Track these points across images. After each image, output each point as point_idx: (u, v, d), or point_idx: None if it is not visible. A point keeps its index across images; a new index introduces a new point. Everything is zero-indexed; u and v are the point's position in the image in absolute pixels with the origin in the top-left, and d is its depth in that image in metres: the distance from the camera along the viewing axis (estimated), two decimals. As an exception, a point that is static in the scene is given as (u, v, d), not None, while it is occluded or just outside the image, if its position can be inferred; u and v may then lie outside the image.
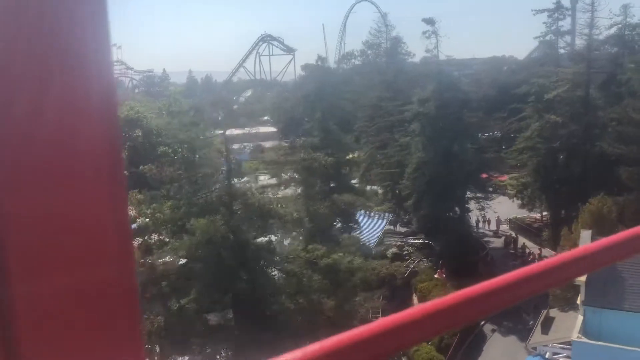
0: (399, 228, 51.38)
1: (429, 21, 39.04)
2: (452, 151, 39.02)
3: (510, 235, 46.57)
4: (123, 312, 0.60)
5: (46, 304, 0.55)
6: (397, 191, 46.20)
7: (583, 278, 23.08)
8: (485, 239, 49.08)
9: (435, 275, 28.77)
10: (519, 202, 47.24)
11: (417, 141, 39.95)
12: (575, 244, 25.96)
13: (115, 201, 0.59)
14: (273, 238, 22.22)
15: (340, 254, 22.20)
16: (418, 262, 44.18)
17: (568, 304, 26.62)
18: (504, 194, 51.76)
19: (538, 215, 49.32)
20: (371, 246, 38.86)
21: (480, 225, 49.46)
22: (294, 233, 23.93)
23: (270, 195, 22.36)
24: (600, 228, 26.92)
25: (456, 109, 39.12)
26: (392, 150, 46.21)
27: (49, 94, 0.54)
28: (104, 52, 0.57)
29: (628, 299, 22.36)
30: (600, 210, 27.91)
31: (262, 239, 21.51)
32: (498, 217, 49.41)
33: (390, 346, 0.72)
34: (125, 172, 0.61)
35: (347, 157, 30.06)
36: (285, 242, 23.37)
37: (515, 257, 44.80)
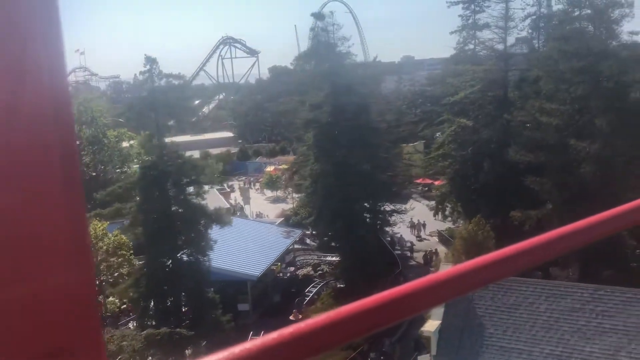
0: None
1: (318, 16, 34.53)
2: (350, 162, 34.53)
3: (431, 251, 42.24)
4: (82, 324, 0.59)
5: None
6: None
7: (432, 327, 18.70)
8: (415, 253, 44.83)
9: (291, 317, 24.20)
10: (441, 213, 42.90)
11: (311, 151, 35.50)
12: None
13: (71, 210, 0.58)
14: None
15: None
16: (324, 284, 39.82)
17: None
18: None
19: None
20: (257, 274, 34.24)
21: (413, 239, 45.54)
22: None
23: None
24: (475, 257, 22.55)
25: (353, 115, 34.66)
26: (298, 160, 41.84)
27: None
28: (57, 56, 0.57)
29: (486, 352, 17.97)
30: (474, 235, 23.48)
31: None
32: (418, 221, 45.33)
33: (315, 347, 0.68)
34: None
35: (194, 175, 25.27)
36: None
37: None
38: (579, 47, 28.60)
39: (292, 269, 42.83)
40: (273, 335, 0.64)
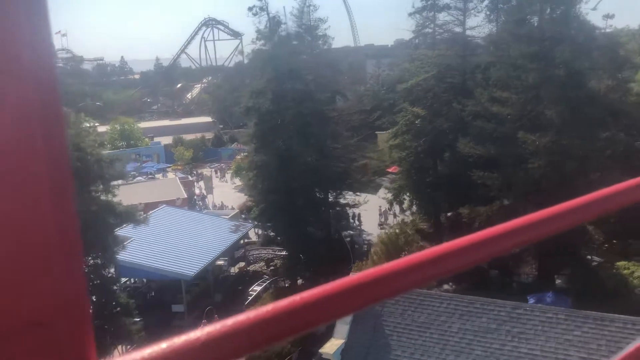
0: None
1: (254, -5, 31.90)
2: (294, 152, 32.17)
3: (388, 246, 40.22)
4: (67, 296, 0.57)
5: None
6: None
7: (333, 349, 16.58)
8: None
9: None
10: (399, 206, 40.74)
11: (252, 141, 33.20)
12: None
13: (59, 208, 0.56)
14: None
15: None
16: (272, 282, 37.63)
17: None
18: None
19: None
20: (191, 273, 32.00)
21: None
22: None
23: None
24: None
25: (297, 103, 32.24)
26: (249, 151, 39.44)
27: None
28: (44, 38, 0.54)
29: (390, 378, 15.87)
30: (395, 240, 21.24)
31: None
32: (386, 209, 42.94)
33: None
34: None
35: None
36: None
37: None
38: (531, 30, 26.24)
39: (242, 264, 40.68)
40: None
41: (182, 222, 38.47)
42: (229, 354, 0.62)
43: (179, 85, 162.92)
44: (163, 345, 0.58)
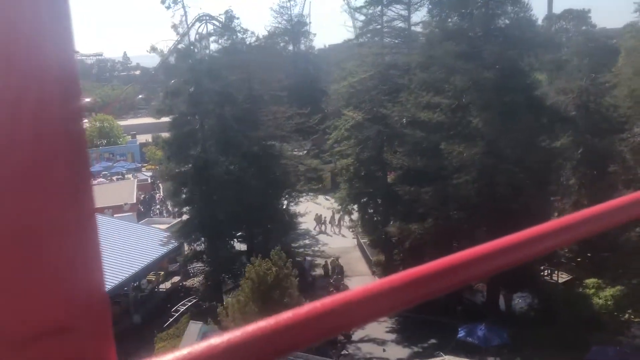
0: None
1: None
2: (214, 160, 29.06)
3: (334, 260, 36.87)
4: (87, 301, 0.56)
5: None
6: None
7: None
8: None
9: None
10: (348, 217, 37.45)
11: (164, 148, 30.21)
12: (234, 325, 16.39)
13: (78, 199, 0.56)
14: None
15: None
16: (197, 302, 34.51)
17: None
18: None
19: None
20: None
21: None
22: None
23: None
24: (266, 303, 17.19)
25: (217, 106, 29.10)
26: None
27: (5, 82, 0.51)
28: (64, 35, 0.54)
29: None
30: (264, 277, 17.93)
31: None
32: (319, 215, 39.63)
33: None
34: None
35: None
36: None
37: (328, 291, 35.28)
38: (459, 25, 22.90)
39: (176, 279, 37.55)
40: None
41: (109, 233, 35.33)
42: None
43: (172, 81, 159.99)
44: (184, 352, 0.56)
